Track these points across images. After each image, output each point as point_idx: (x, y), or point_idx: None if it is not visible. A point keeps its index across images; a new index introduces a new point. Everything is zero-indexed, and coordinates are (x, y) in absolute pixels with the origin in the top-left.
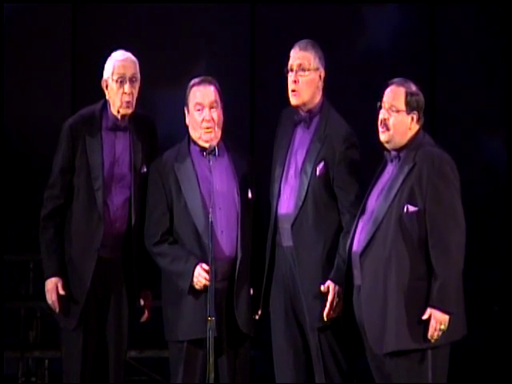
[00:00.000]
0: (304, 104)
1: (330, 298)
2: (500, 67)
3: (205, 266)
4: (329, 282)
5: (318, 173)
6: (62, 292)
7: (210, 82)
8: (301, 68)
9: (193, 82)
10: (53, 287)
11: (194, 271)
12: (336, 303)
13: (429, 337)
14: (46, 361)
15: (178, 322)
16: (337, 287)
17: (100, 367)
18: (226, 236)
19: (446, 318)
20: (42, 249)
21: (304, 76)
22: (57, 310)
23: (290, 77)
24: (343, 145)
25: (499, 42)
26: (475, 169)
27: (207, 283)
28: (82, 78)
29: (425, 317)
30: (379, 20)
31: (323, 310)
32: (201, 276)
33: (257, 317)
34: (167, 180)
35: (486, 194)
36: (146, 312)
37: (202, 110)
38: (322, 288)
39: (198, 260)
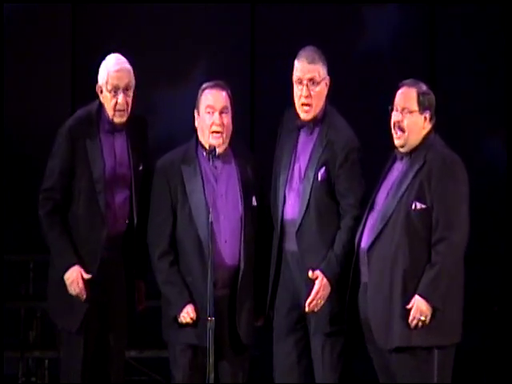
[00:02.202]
0: (314, 117)
1: (316, 286)
2: (500, 67)
3: (193, 308)
4: (318, 272)
5: (319, 178)
6: (87, 276)
7: (222, 88)
8: (312, 82)
9: (205, 85)
10: (78, 275)
11: (182, 308)
12: (320, 295)
13: (409, 321)
14: (46, 361)
15: (175, 325)
16: (325, 279)
17: (99, 367)
18: (230, 245)
19: (428, 309)
20: (53, 242)
21: (315, 90)
22: (84, 297)
23: (300, 90)
24: (344, 150)
25: (499, 42)
26: (475, 169)
27: (190, 322)
28: (82, 78)
29: (409, 306)
30: (379, 20)
31: (306, 300)
32: (188, 316)
33: (259, 323)
34: (173, 180)
35: (486, 193)
36: (142, 302)
37: (213, 114)
38: (310, 274)
39: (189, 298)
